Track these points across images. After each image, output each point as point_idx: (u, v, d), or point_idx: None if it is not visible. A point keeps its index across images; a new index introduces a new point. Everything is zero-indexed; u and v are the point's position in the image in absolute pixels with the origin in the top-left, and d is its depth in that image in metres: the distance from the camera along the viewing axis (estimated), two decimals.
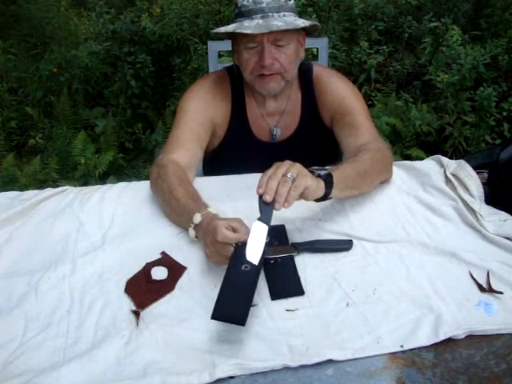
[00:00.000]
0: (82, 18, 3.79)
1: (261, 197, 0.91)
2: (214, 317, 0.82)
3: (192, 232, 1.02)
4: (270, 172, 0.93)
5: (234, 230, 0.93)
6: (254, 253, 0.88)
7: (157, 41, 3.17)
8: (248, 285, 0.86)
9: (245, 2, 1.19)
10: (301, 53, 1.28)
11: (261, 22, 1.16)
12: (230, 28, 1.19)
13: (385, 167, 1.22)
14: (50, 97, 3.23)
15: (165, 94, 3.26)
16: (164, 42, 3.18)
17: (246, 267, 0.87)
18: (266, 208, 0.90)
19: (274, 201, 0.90)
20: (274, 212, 0.92)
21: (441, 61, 2.82)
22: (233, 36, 1.26)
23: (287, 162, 0.95)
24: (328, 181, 1.00)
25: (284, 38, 1.19)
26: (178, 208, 1.08)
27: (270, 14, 1.17)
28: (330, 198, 1.05)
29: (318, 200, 1.01)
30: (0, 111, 3.16)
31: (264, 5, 1.17)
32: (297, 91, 1.37)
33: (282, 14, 1.18)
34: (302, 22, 1.20)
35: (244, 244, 0.90)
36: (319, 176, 0.99)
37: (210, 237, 0.93)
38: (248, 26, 1.15)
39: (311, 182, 0.95)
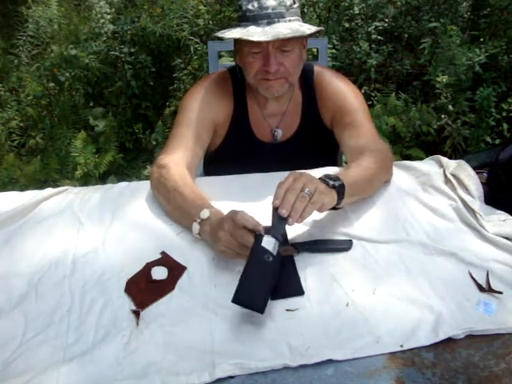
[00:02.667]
0: (82, 18, 3.79)
1: (275, 209, 0.91)
2: (235, 300, 0.83)
3: (196, 226, 1.01)
4: (287, 184, 0.92)
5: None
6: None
7: (157, 41, 3.17)
8: (269, 275, 0.87)
9: (249, 7, 1.18)
10: (304, 55, 1.29)
11: (267, 28, 1.15)
12: (235, 34, 1.18)
13: (387, 169, 1.22)
14: (50, 97, 3.24)
15: (165, 94, 3.26)
16: (164, 42, 3.18)
17: (268, 257, 0.87)
18: (279, 222, 0.90)
19: (288, 215, 0.90)
20: None
21: (440, 61, 2.82)
22: (236, 38, 1.26)
23: (305, 176, 0.94)
24: (341, 192, 1.00)
25: (289, 44, 1.19)
26: (183, 204, 1.07)
27: (276, 19, 1.16)
28: (339, 209, 1.05)
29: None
30: (0, 111, 3.16)
31: (270, 10, 1.16)
32: (298, 92, 1.37)
33: (287, 19, 1.17)
34: (308, 29, 1.19)
35: (263, 234, 0.90)
36: (333, 187, 0.99)
37: (229, 220, 0.93)
38: (254, 33, 1.15)
39: (327, 200, 0.96)
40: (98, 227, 1.10)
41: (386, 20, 3.22)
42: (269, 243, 0.89)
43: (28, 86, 3.29)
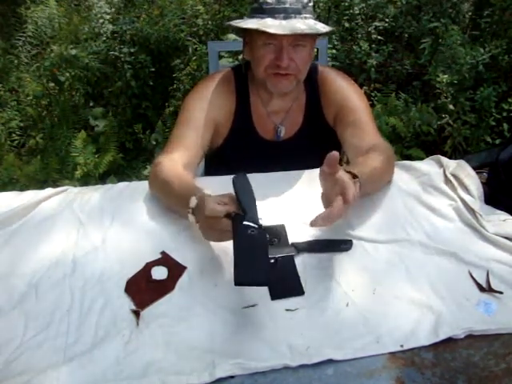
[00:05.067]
0: (82, 18, 3.79)
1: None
2: (238, 282, 0.82)
3: (191, 217, 1.01)
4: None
5: (226, 205, 0.92)
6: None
7: (156, 41, 3.17)
8: (260, 247, 0.86)
9: None
10: (312, 54, 1.29)
11: (284, 22, 1.16)
12: (251, 24, 1.18)
13: (392, 168, 1.23)
14: (50, 97, 3.24)
15: (165, 94, 3.26)
16: (163, 42, 3.18)
17: (252, 231, 0.87)
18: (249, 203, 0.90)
19: None
20: (275, 212, 0.93)
21: (440, 61, 2.82)
22: (248, 31, 1.25)
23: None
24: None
25: (303, 40, 1.20)
26: (175, 198, 1.08)
27: (293, 15, 1.17)
28: None
29: None
30: (0, 111, 3.16)
31: (287, 5, 1.17)
32: (302, 90, 1.38)
33: (303, 16, 1.18)
34: (323, 27, 1.21)
35: (239, 214, 0.89)
36: None
37: (201, 212, 0.93)
38: (271, 25, 1.15)
39: None
40: (98, 227, 1.10)
41: (386, 20, 3.22)
42: (248, 221, 0.88)
43: (28, 86, 3.29)
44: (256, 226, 0.87)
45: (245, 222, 0.88)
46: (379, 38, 3.16)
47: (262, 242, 0.87)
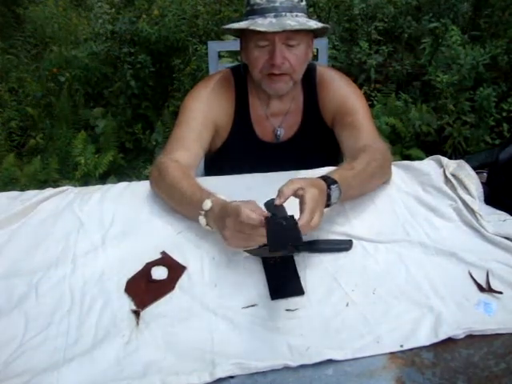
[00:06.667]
0: (82, 18, 3.79)
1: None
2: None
3: (203, 219, 1.01)
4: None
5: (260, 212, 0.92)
6: None
7: (156, 42, 3.17)
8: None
9: (258, 0, 1.19)
10: (309, 54, 1.29)
11: (274, 20, 1.16)
12: (242, 24, 1.19)
13: (384, 171, 1.22)
14: (50, 97, 3.24)
15: (165, 94, 3.26)
16: (163, 43, 3.18)
17: (283, 221, 0.88)
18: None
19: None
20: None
21: (440, 61, 2.82)
22: (243, 33, 1.26)
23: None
24: (332, 202, 1.02)
25: (295, 38, 1.20)
26: (183, 200, 1.07)
27: (284, 13, 1.17)
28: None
29: None
30: (0, 111, 3.16)
31: (277, 4, 1.18)
32: (300, 91, 1.37)
33: (294, 14, 1.18)
34: (315, 24, 1.21)
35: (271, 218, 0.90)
36: (329, 197, 1.00)
37: (232, 218, 0.91)
38: (261, 24, 1.15)
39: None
40: (98, 227, 1.10)
41: (386, 20, 3.23)
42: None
43: (28, 86, 3.29)
44: (287, 217, 0.89)
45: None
46: (379, 38, 3.16)
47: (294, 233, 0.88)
